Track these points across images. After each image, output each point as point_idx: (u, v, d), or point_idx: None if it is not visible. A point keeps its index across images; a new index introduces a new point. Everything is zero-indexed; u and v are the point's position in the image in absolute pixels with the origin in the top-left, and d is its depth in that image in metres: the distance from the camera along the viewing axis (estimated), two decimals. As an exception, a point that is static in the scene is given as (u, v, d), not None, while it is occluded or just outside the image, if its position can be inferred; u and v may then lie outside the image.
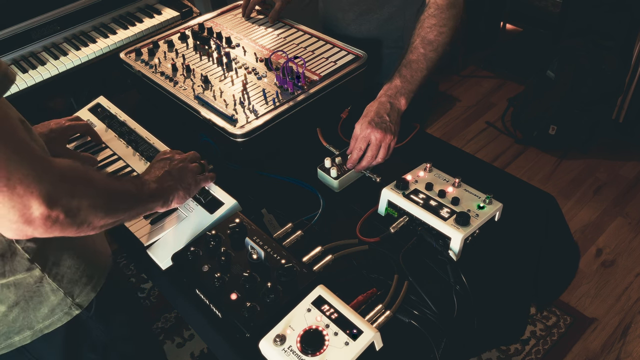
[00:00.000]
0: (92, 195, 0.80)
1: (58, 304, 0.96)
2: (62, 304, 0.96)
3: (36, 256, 0.90)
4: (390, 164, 1.25)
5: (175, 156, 1.11)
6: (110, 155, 1.32)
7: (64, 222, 0.74)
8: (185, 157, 1.11)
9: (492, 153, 2.85)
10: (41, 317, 0.95)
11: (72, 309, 0.98)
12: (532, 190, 1.21)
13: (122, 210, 0.90)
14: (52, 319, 0.96)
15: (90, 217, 0.80)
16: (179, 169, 1.07)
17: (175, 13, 1.96)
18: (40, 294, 0.93)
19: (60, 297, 0.95)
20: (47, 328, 0.96)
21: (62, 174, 0.74)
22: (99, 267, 1.03)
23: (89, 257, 1.00)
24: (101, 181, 0.85)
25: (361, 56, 1.40)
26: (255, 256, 0.99)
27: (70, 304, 0.97)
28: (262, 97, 1.30)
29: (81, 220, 0.78)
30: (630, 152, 2.77)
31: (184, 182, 1.06)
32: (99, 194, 0.82)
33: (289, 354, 0.84)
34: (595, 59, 2.58)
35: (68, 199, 0.74)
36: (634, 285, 2.16)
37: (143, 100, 1.53)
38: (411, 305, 0.96)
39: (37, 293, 0.92)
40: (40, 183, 0.68)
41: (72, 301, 0.97)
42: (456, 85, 3.35)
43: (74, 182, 0.76)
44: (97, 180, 0.83)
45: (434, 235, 1.04)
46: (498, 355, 1.96)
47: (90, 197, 0.79)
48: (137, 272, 2.35)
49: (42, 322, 0.95)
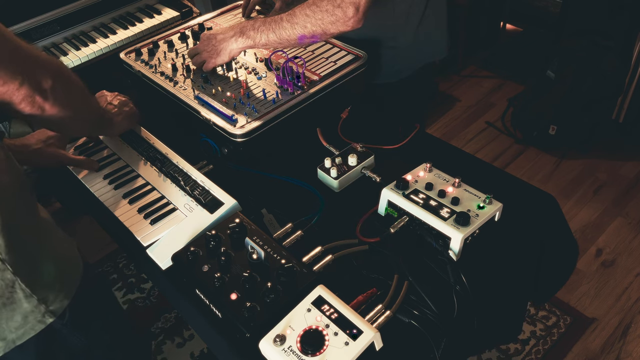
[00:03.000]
0: (77, 85, 1.02)
1: (31, 311, 0.93)
2: (36, 311, 0.94)
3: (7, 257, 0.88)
4: (390, 164, 1.25)
5: (108, 94, 1.33)
6: (110, 155, 1.32)
7: (63, 98, 0.94)
8: (117, 94, 1.34)
9: (492, 153, 2.85)
10: (14, 326, 0.93)
11: (45, 317, 0.96)
12: (532, 190, 1.21)
13: (93, 112, 1.13)
14: (25, 328, 0.94)
15: (78, 102, 1.02)
16: (118, 101, 1.30)
17: (175, 13, 1.96)
18: (14, 301, 0.91)
19: (34, 304, 0.93)
20: (19, 338, 0.94)
21: (59, 65, 0.96)
22: (71, 274, 1.02)
23: (61, 263, 0.99)
24: (80, 81, 1.04)
25: (361, 56, 1.40)
26: (255, 256, 0.99)
27: (44, 311, 0.95)
28: (262, 97, 1.30)
29: (72, 102, 0.99)
30: (630, 152, 2.77)
31: (123, 110, 1.29)
32: (79, 86, 1.03)
33: (289, 354, 0.84)
34: (595, 59, 2.58)
35: (64, 80, 0.95)
36: (634, 285, 2.16)
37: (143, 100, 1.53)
38: (411, 305, 0.96)
39: (10, 300, 0.90)
40: (48, 67, 0.91)
41: (45, 308, 0.95)
42: (456, 85, 3.35)
43: (67, 73, 0.98)
44: (77, 79, 1.03)
45: (434, 235, 1.04)
46: (498, 355, 1.96)
47: (76, 85, 1.01)
48: (137, 272, 2.35)
49: (14, 331, 0.93)
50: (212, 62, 1.34)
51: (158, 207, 1.17)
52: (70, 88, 0.97)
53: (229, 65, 1.41)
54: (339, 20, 1.20)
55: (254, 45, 1.29)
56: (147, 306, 2.22)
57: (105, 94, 1.34)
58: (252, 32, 1.27)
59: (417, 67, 1.55)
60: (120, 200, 1.20)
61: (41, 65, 0.89)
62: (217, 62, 1.34)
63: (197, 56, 1.37)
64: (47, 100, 0.90)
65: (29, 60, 0.87)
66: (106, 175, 1.27)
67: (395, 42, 1.48)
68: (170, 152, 1.27)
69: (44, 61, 0.90)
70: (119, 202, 1.20)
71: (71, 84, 0.98)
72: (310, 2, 1.22)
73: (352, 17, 1.20)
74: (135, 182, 1.24)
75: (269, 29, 1.25)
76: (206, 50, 1.34)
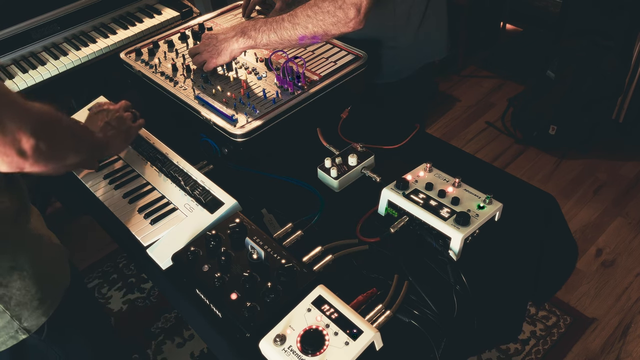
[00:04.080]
0: (64, 131, 0.94)
1: (3, 327, 0.92)
2: (8, 327, 0.93)
3: None
4: (390, 164, 1.25)
5: (110, 107, 1.25)
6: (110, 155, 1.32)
7: (47, 154, 0.84)
8: (119, 107, 1.26)
9: (492, 153, 2.85)
10: None
11: (18, 333, 0.94)
12: (532, 190, 1.21)
13: (82, 151, 1.04)
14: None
15: (64, 150, 0.93)
16: (117, 119, 1.22)
17: (175, 13, 1.96)
18: None
19: (6, 320, 0.92)
20: None
21: (40, 113, 0.85)
22: (53, 292, 1.00)
23: (42, 280, 0.97)
24: (67, 121, 0.99)
25: (361, 56, 1.40)
26: (255, 256, 0.99)
27: (17, 328, 0.94)
28: (262, 97, 1.30)
29: (58, 154, 0.91)
30: (630, 152, 2.77)
31: (122, 130, 1.22)
32: (67, 131, 0.96)
33: (289, 354, 0.84)
34: (595, 59, 2.58)
35: (48, 132, 0.85)
36: (634, 285, 2.16)
37: (143, 100, 1.53)
38: (411, 305, 0.96)
39: None
40: (26, 120, 0.80)
41: (19, 325, 0.94)
42: (456, 85, 3.35)
43: (50, 120, 0.88)
44: (64, 120, 0.96)
45: (434, 235, 1.04)
46: (498, 355, 1.96)
47: (62, 133, 0.93)
48: (137, 272, 2.35)
49: None
50: (213, 62, 1.34)
51: (158, 207, 1.17)
52: (55, 142, 0.88)
53: (229, 65, 1.41)
54: (340, 22, 1.20)
55: (255, 45, 1.29)
56: (147, 306, 2.22)
57: (104, 108, 1.25)
58: (254, 32, 1.27)
59: (417, 67, 1.55)
60: (121, 200, 1.20)
61: (25, 121, 0.79)
62: (218, 62, 1.33)
63: (197, 56, 1.37)
64: (27, 160, 0.81)
65: (12, 115, 0.78)
66: (106, 175, 1.27)
67: (395, 42, 1.48)
68: (170, 152, 1.27)
69: (29, 115, 0.81)
70: (119, 202, 1.20)
71: (56, 136, 0.89)
72: (312, 3, 1.22)
73: (354, 19, 1.20)
74: (136, 182, 1.24)
75: (271, 29, 1.25)
76: (207, 50, 1.34)
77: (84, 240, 2.48)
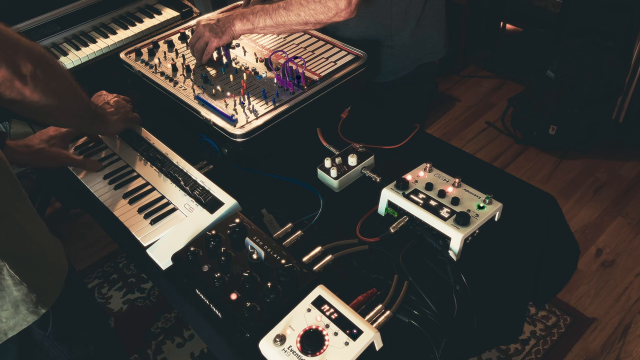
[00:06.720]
0: (61, 71, 1.00)
1: (22, 300, 0.92)
2: (27, 300, 0.93)
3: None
4: (390, 164, 1.25)
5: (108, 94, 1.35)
6: (110, 155, 1.32)
7: (45, 83, 0.91)
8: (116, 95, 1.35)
9: (492, 153, 2.85)
10: (5, 316, 0.92)
11: (38, 307, 0.95)
12: (532, 190, 1.21)
13: (80, 103, 1.08)
14: (16, 318, 0.93)
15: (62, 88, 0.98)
16: (115, 102, 1.32)
17: (175, 13, 1.96)
18: (2, 288, 0.90)
19: (24, 292, 0.92)
20: (11, 330, 0.93)
21: (39, 49, 0.94)
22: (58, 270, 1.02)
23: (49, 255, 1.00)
24: (66, 69, 1.04)
25: (361, 56, 1.40)
26: (255, 256, 0.99)
27: (35, 301, 0.94)
28: (262, 97, 1.30)
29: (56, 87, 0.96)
30: (630, 152, 2.77)
31: (120, 111, 1.30)
32: (65, 73, 1.01)
33: (289, 354, 0.84)
34: (595, 59, 2.58)
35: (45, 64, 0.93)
36: (634, 285, 2.16)
37: (143, 100, 1.53)
38: (411, 305, 0.96)
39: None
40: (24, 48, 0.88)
41: (37, 297, 0.94)
42: (456, 85, 3.35)
43: (48, 56, 0.95)
44: (62, 66, 1.02)
45: (434, 235, 1.04)
46: (498, 355, 1.96)
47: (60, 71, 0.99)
48: (137, 272, 2.35)
49: (5, 321, 0.92)
50: (215, 41, 1.36)
51: (158, 207, 1.17)
52: (53, 76, 0.95)
53: (229, 65, 1.41)
54: (330, 11, 1.26)
55: (253, 29, 1.34)
56: (147, 306, 2.22)
57: (103, 94, 1.35)
58: (252, 16, 1.33)
59: (414, 67, 1.55)
60: (120, 200, 1.20)
61: (22, 49, 0.87)
62: (220, 42, 1.36)
63: (200, 40, 1.38)
64: (27, 86, 0.88)
65: (7, 43, 0.85)
66: (106, 175, 1.27)
67: (392, 41, 1.48)
68: (170, 152, 1.27)
69: (25, 46, 0.88)
70: (119, 202, 1.20)
71: (54, 72, 0.97)
72: None
73: (345, 9, 1.26)
74: (135, 182, 1.24)
75: (267, 14, 1.31)
76: (208, 30, 1.36)
77: (84, 241, 2.48)
